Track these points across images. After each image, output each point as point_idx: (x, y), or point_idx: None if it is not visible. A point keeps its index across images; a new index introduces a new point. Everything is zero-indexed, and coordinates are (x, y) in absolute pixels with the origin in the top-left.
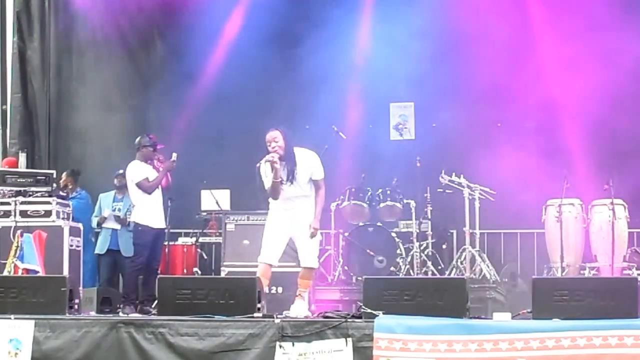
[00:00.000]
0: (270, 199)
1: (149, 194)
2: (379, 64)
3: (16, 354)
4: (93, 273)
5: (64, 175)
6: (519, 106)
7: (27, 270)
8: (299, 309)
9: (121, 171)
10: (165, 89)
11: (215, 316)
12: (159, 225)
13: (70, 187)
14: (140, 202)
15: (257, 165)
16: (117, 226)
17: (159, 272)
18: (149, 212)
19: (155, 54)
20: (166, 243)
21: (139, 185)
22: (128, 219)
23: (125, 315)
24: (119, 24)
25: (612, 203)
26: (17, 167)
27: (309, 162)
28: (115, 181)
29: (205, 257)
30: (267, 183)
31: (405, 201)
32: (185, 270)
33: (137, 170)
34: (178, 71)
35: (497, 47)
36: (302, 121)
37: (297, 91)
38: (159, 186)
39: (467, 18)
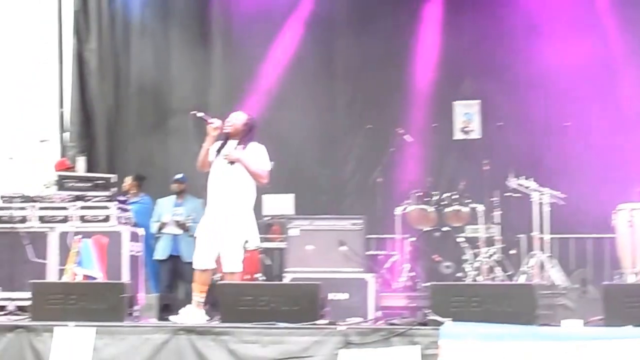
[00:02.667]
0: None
1: None
2: (442, 61)
3: None
4: (154, 279)
5: (128, 179)
6: (589, 105)
7: (86, 277)
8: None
9: (180, 175)
10: (225, 89)
11: (278, 323)
12: None
13: (133, 191)
14: None
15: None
16: (178, 231)
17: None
18: None
19: (215, 54)
20: None
21: None
22: (188, 225)
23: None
24: (176, 26)
25: None
26: (66, 166)
27: (254, 151)
28: (174, 186)
29: (269, 262)
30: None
31: (472, 205)
32: (247, 276)
33: None
34: (238, 71)
35: (566, 44)
36: (365, 121)
37: (359, 91)
38: None
39: (536, 13)
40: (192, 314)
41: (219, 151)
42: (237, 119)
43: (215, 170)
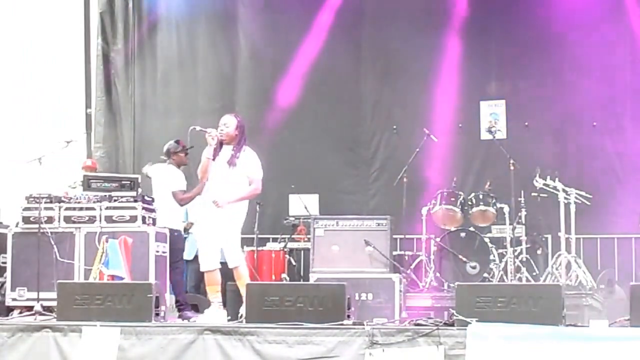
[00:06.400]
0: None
1: (181, 206)
2: (468, 60)
3: None
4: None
5: None
6: (615, 105)
7: (113, 277)
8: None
9: None
10: (250, 90)
11: (304, 323)
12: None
13: None
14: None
15: (192, 128)
16: None
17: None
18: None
19: (240, 55)
20: (254, 249)
21: (174, 194)
22: None
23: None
24: (203, 25)
25: None
26: (92, 167)
27: (247, 160)
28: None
29: (294, 263)
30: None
31: (498, 205)
32: (273, 277)
33: (177, 179)
34: (263, 72)
35: (591, 44)
36: (390, 122)
37: (385, 91)
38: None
39: (561, 13)
40: (215, 314)
41: (214, 157)
42: (228, 126)
43: (212, 175)
